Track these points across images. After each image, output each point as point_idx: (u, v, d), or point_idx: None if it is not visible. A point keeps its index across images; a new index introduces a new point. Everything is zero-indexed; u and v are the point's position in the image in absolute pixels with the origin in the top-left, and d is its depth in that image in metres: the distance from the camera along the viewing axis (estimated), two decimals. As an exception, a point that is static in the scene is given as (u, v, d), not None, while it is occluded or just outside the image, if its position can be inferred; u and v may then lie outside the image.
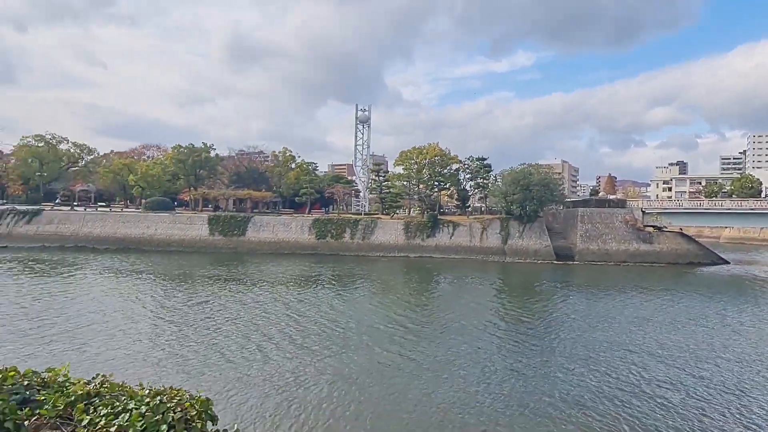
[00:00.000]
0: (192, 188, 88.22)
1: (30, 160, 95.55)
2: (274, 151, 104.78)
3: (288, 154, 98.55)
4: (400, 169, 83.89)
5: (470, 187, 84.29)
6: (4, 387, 4.38)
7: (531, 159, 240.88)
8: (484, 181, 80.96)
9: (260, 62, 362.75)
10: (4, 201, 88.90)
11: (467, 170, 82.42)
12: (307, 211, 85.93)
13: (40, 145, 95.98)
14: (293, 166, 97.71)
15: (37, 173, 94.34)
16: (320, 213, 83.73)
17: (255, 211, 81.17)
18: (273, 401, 16.42)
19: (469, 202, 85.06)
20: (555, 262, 62.81)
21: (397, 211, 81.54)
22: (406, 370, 19.92)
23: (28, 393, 4.31)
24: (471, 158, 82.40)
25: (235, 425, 4.76)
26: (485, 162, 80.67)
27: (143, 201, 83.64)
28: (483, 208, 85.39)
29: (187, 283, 40.20)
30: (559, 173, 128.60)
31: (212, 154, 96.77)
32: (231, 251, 65.34)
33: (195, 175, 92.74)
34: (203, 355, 21.10)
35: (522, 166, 73.87)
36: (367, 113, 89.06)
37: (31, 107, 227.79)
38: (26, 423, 3.68)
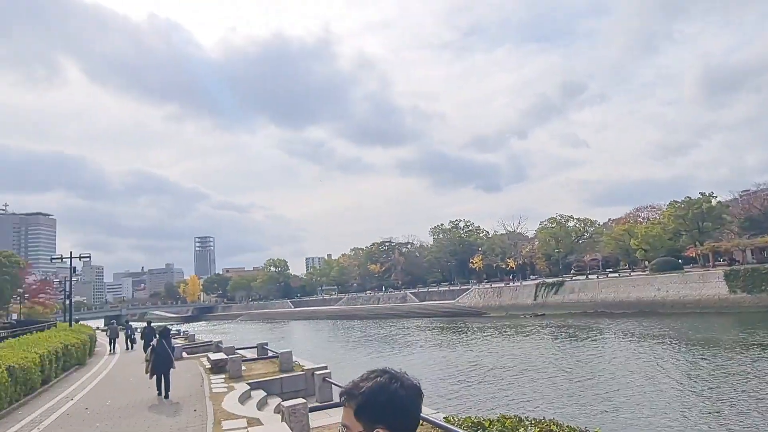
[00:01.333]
0: (697, 243, 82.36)
1: (548, 240, 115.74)
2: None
3: (821, 181, 77.36)
4: None
5: None
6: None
7: None
8: None
9: (743, 85, 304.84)
10: (535, 276, 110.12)
11: None
12: None
13: (552, 226, 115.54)
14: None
15: (555, 250, 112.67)
16: None
17: (786, 259, 66.87)
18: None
19: None
20: None
21: None
22: None
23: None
24: None
25: None
26: None
27: (647, 263, 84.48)
28: None
29: (713, 349, 37.75)
30: None
31: (713, 202, 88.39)
32: (761, 310, 56.02)
33: (698, 228, 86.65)
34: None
35: None
36: None
37: (539, 195, 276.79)
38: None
